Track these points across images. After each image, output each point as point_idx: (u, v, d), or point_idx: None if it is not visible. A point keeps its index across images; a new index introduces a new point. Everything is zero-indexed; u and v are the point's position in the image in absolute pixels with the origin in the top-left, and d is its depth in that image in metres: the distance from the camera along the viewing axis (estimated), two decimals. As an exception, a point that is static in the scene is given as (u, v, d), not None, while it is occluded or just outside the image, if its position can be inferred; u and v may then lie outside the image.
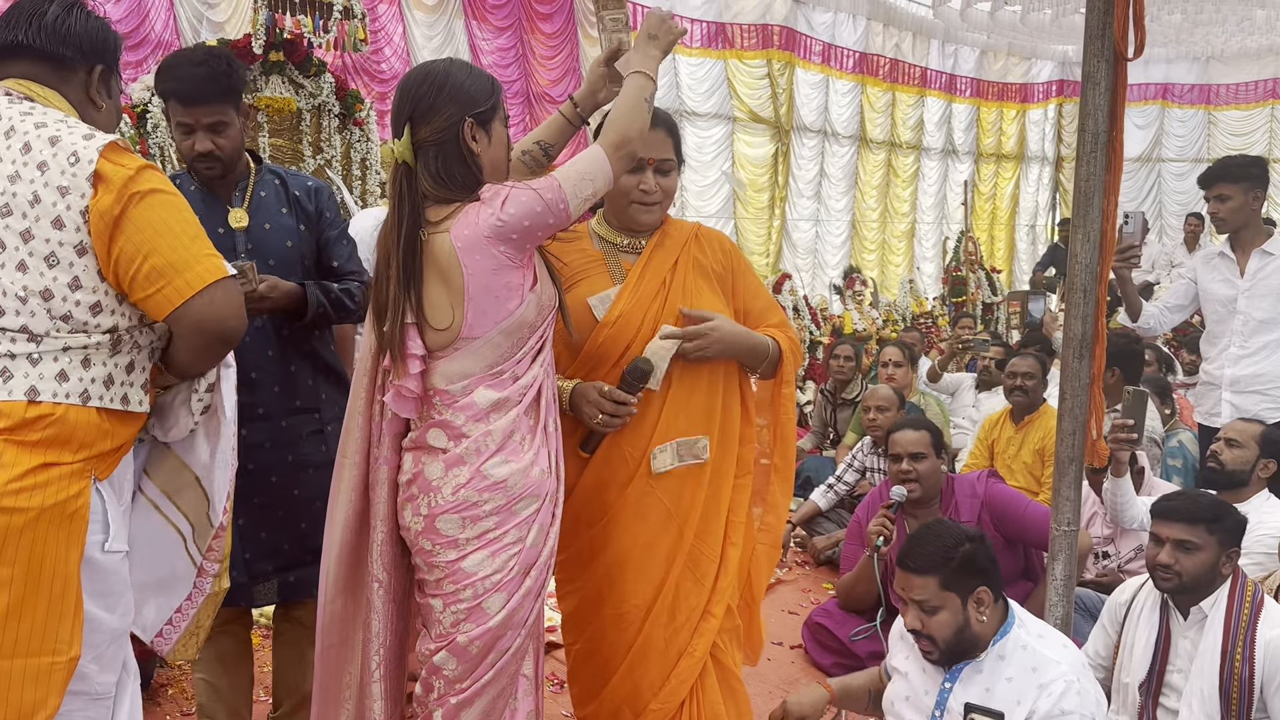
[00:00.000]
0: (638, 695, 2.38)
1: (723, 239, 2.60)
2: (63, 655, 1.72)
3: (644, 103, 2.20)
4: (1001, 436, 5.15)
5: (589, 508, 2.41)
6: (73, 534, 1.73)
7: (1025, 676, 2.36)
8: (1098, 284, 2.53)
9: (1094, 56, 2.46)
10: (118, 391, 1.82)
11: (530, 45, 9.06)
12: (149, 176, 1.80)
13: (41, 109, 1.83)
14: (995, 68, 14.04)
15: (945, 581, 2.39)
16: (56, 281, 1.75)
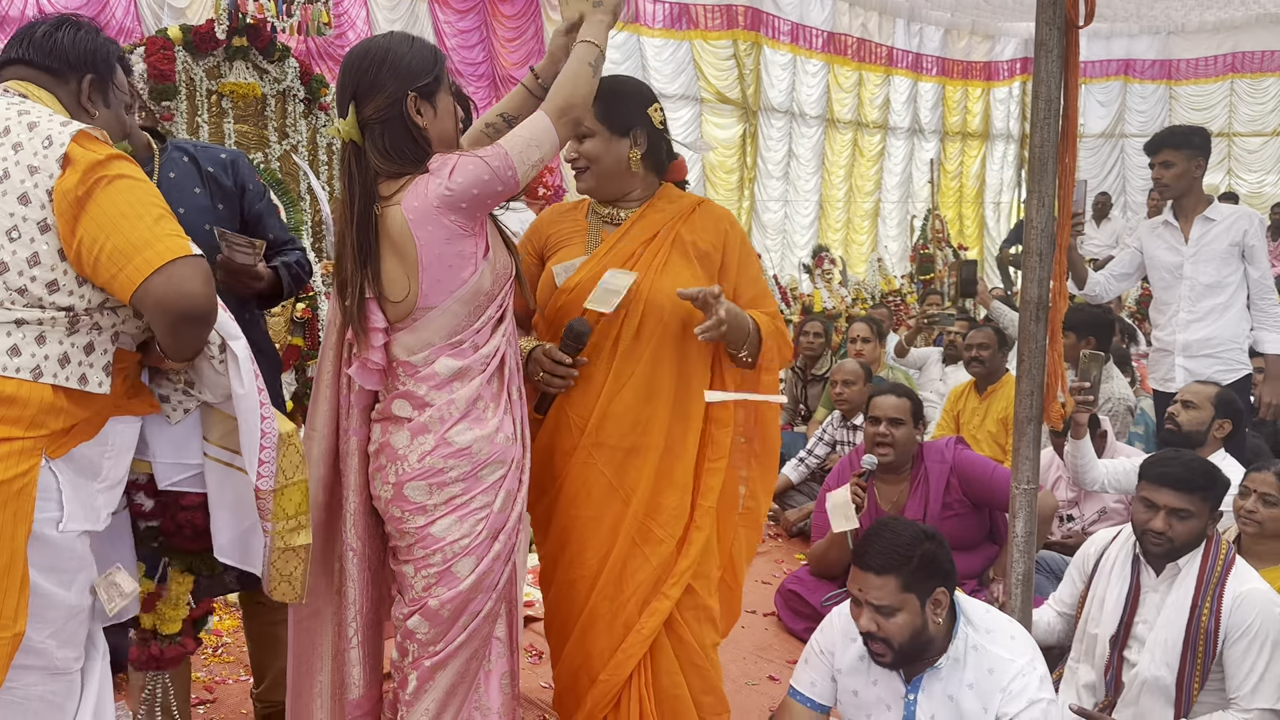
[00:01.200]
0: (589, 663, 2.43)
1: (724, 219, 2.55)
2: (7, 631, 1.71)
3: (588, 68, 2.21)
4: (966, 407, 5.24)
5: (544, 474, 2.46)
6: (19, 511, 1.72)
7: (985, 680, 2.33)
8: (1055, 249, 2.59)
9: (1046, 24, 2.52)
10: (74, 371, 1.81)
11: (493, 26, 9.04)
12: (117, 164, 1.81)
13: (33, 104, 1.87)
14: (960, 46, 14.12)
15: (906, 582, 2.28)
16: (15, 255, 1.76)
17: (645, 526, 2.41)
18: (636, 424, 2.40)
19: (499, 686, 2.27)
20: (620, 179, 2.46)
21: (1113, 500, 4.14)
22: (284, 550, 2.07)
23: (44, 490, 1.76)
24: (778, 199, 11.73)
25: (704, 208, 2.53)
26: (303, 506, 2.09)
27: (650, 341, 2.39)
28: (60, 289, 1.79)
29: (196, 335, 1.88)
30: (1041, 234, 2.59)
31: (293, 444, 2.04)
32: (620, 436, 2.40)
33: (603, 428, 2.39)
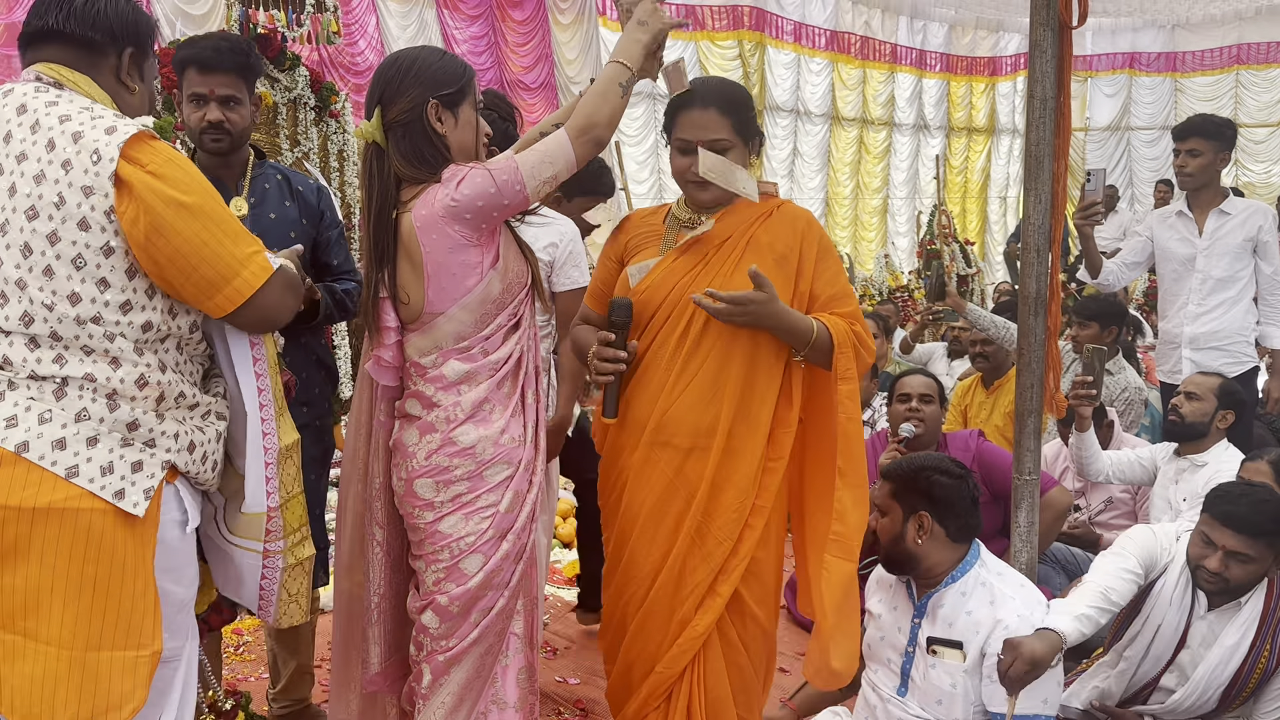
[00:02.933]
0: (645, 657, 2.46)
1: (801, 218, 2.49)
2: (147, 649, 1.77)
3: (616, 88, 2.22)
4: (974, 402, 5.28)
5: (611, 471, 2.51)
6: (145, 536, 1.77)
7: (984, 610, 2.45)
8: (1051, 244, 2.65)
9: (1040, 25, 2.58)
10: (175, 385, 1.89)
11: (502, 33, 9.12)
12: (171, 179, 1.76)
13: (69, 96, 1.80)
14: (963, 42, 14.15)
15: (895, 490, 2.57)
16: (85, 285, 1.74)
17: (703, 527, 2.41)
18: (699, 425, 2.38)
19: (516, 681, 2.32)
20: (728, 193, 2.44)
21: (1119, 490, 4.17)
22: (294, 566, 2.06)
23: (169, 497, 1.83)
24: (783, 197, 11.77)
25: (783, 209, 2.48)
26: (303, 518, 2.08)
27: (716, 343, 2.38)
28: (134, 307, 1.79)
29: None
30: (1039, 230, 2.64)
31: (291, 457, 2.03)
32: (682, 437, 2.39)
33: (664, 427, 2.40)
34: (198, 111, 2.54)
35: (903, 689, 2.54)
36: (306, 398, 2.70)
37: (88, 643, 1.72)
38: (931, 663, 2.48)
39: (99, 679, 1.73)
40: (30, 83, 1.82)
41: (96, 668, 1.73)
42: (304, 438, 2.58)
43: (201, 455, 1.89)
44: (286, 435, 2.01)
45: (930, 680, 2.48)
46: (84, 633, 1.72)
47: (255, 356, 1.96)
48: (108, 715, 1.74)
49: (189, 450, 1.86)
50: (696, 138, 2.36)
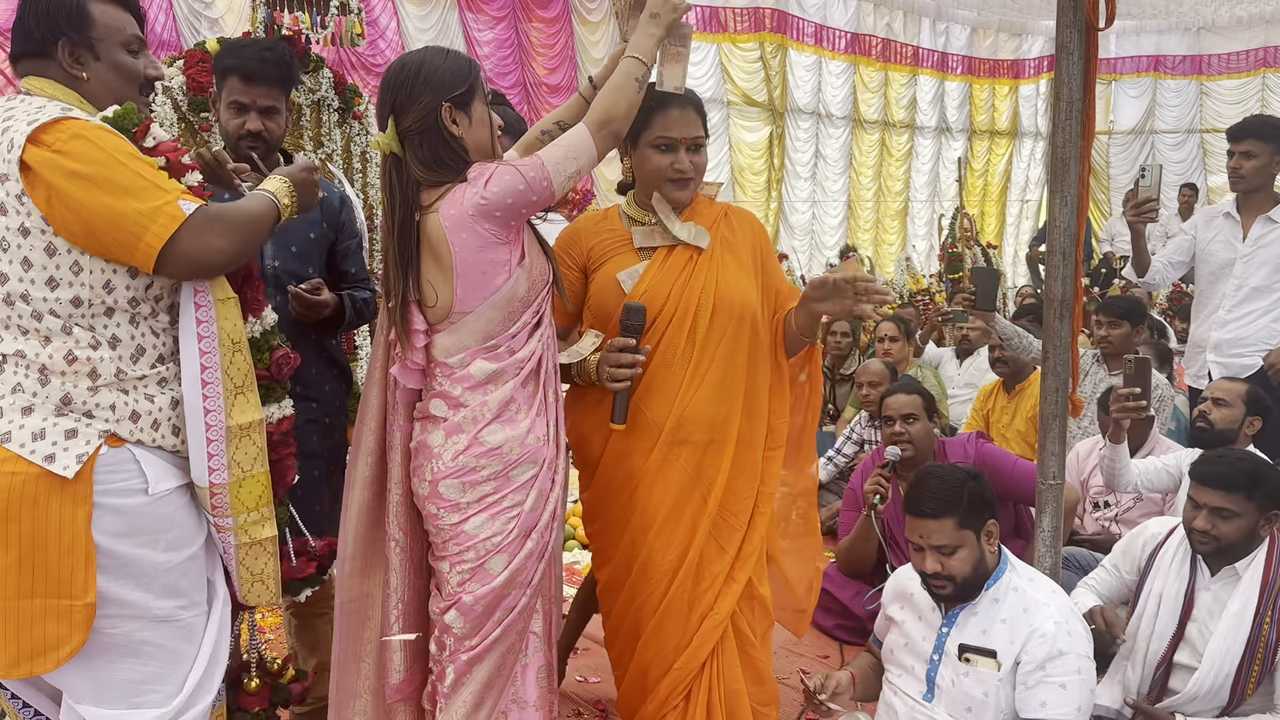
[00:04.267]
0: (663, 655, 2.48)
1: (752, 219, 2.67)
2: (80, 600, 1.84)
3: (633, 83, 2.26)
4: (995, 406, 5.26)
5: (616, 476, 2.52)
6: (77, 495, 1.83)
7: (1018, 618, 2.44)
8: (1076, 247, 2.63)
9: (1066, 27, 2.56)
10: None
11: (526, 35, 9.14)
12: (72, 153, 1.79)
13: (21, 101, 1.88)
14: (986, 44, 14.09)
15: (962, 520, 2.47)
16: (11, 265, 1.83)
17: (720, 518, 2.50)
18: (715, 420, 2.48)
19: (535, 680, 2.33)
20: (697, 188, 2.58)
21: None
22: (249, 545, 2.04)
23: (117, 464, 1.88)
24: (805, 200, 11.76)
25: (734, 211, 2.64)
26: (264, 498, 2.06)
27: (724, 340, 2.47)
28: (59, 284, 1.84)
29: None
30: (1064, 232, 2.62)
31: (249, 435, 2.01)
32: (700, 433, 2.47)
33: (682, 426, 2.46)
34: (238, 119, 2.58)
35: (929, 695, 2.53)
36: (316, 394, 2.72)
37: (18, 591, 1.83)
38: (964, 670, 2.46)
39: (31, 624, 1.83)
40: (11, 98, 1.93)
41: (28, 614, 1.83)
42: (309, 433, 2.64)
43: (152, 422, 1.93)
44: (242, 413, 1.99)
45: (961, 688, 2.46)
46: (13, 583, 1.83)
47: (200, 334, 1.95)
48: (43, 657, 1.84)
49: (132, 419, 1.90)
50: (683, 135, 2.47)
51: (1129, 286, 8.14)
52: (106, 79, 1.98)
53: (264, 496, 2.05)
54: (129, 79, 2.01)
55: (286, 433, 2.18)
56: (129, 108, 1.94)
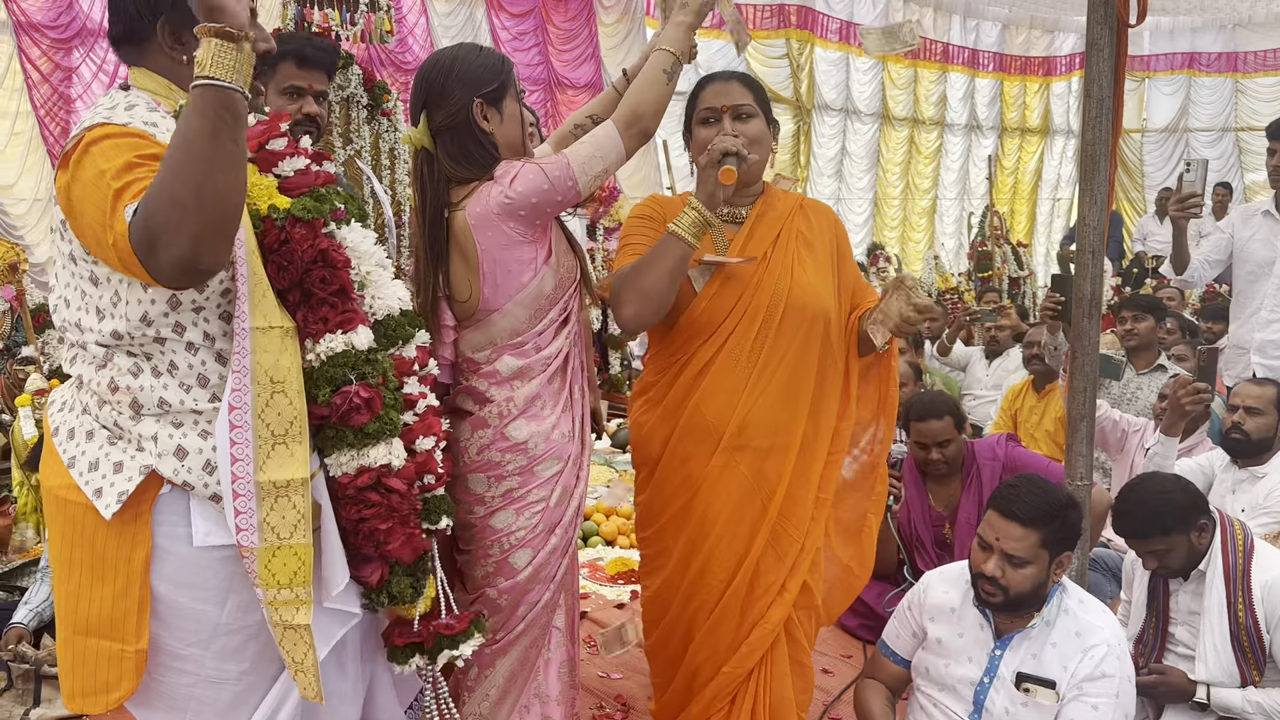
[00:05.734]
0: (713, 659, 2.45)
1: (829, 213, 2.56)
2: (130, 646, 1.72)
3: (661, 75, 2.20)
4: (1024, 406, 5.21)
5: (675, 479, 2.47)
6: (134, 535, 1.70)
7: (1070, 641, 2.37)
8: (1104, 244, 2.61)
9: (1097, 23, 2.53)
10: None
11: (548, 31, 9.15)
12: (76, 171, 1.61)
13: (113, 94, 1.74)
14: (1018, 41, 13.97)
15: (1045, 539, 2.34)
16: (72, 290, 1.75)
17: (779, 527, 2.42)
18: (777, 426, 2.40)
19: (558, 674, 2.34)
20: (762, 169, 2.45)
21: None
22: (283, 628, 1.71)
23: (171, 508, 1.72)
24: (830, 197, 11.71)
25: (810, 204, 2.54)
26: (301, 576, 1.69)
27: (793, 343, 2.39)
28: (104, 315, 1.70)
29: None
30: (1094, 231, 2.60)
31: (288, 496, 1.68)
32: (762, 438, 2.39)
33: (744, 431, 2.38)
34: (294, 104, 2.57)
35: (976, 715, 2.44)
36: None
37: (75, 625, 1.75)
38: (1021, 699, 2.37)
39: (86, 661, 1.75)
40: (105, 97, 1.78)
41: (82, 650, 1.75)
42: None
43: (204, 463, 1.70)
44: (279, 468, 1.67)
45: (1016, 717, 2.38)
46: (72, 615, 1.75)
47: (234, 368, 1.66)
48: (96, 696, 1.76)
49: (177, 456, 1.69)
50: (722, 103, 2.39)
51: (1161, 286, 8.05)
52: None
53: (301, 573, 1.70)
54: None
55: (366, 488, 1.79)
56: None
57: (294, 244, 1.71)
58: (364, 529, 1.81)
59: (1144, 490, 2.78)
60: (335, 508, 1.82)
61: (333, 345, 1.75)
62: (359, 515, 1.80)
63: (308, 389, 1.74)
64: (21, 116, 6.70)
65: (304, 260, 1.72)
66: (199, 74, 1.46)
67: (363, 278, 1.87)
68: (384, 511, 1.82)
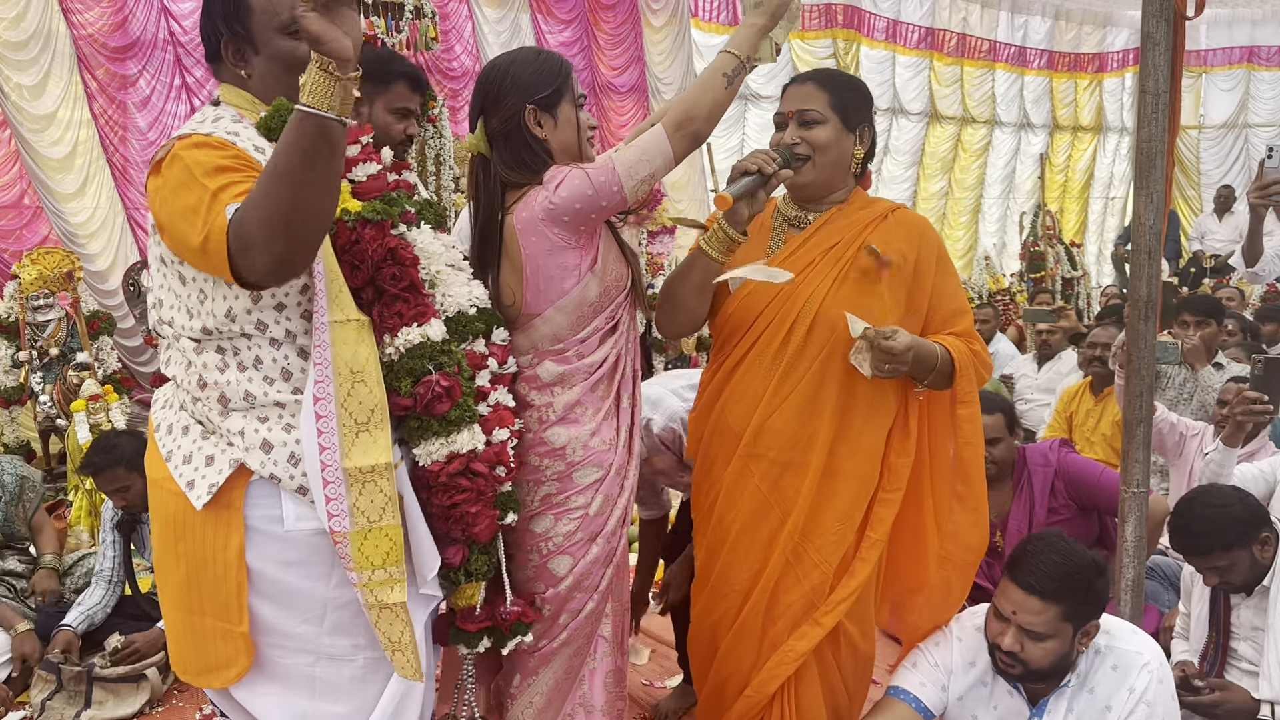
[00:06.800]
0: (738, 677, 2.41)
1: (922, 229, 2.38)
2: (236, 628, 1.80)
3: (720, 79, 2.13)
4: (1080, 409, 5.10)
5: (704, 483, 2.46)
6: (228, 523, 1.78)
7: (1108, 679, 2.24)
8: (1161, 244, 2.54)
9: (1153, 16, 2.46)
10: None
11: (595, 36, 9.17)
12: (166, 177, 1.69)
13: (205, 109, 1.83)
14: (1067, 38, 13.74)
15: (1067, 612, 2.16)
16: (165, 291, 1.85)
17: (800, 548, 2.32)
18: (796, 440, 2.30)
19: (603, 684, 2.31)
20: (837, 176, 2.34)
21: None
22: (378, 608, 1.78)
23: (262, 493, 1.79)
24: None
25: (898, 214, 2.37)
26: (393, 556, 1.78)
27: (818, 356, 2.28)
28: (193, 314, 1.79)
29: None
30: (1150, 231, 2.53)
31: (374, 481, 1.76)
32: (778, 450, 2.31)
33: (759, 440, 2.32)
34: (401, 123, 2.55)
35: None
36: None
37: (191, 608, 1.83)
38: None
39: (205, 639, 1.83)
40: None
41: (201, 629, 1.83)
42: None
43: (288, 455, 1.78)
44: (364, 455, 1.75)
45: None
46: (186, 599, 1.83)
47: (315, 361, 1.74)
48: (215, 673, 1.84)
49: (263, 449, 1.77)
50: (790, 108, 2.31)
51: (1220, 286, 7.86)
52: (265, 71, 1.83)
53: (393, 554, 1.78)
54: (288, 68, 1.80)
55: (458, 474, 1.90)
56: (279, 105, 1.77)
57: (364, 244, 1.80)
58: (455, 513, 1.91)
59: (1202, 504, 2.69)
60: (423, 496, 1.91)
61: (410, 337, 1.84)
62: (450, 501, 1.90)
63: (388, 382, 1.82)
64: (84, 125, 6.79)
65: (374, 258, 1.81)
66: (300, 99, 1.50)
67: (432, 276, 1.94)
68: (474, 495, 1.93)
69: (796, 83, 2.36)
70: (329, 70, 1.48)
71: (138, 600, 3.73)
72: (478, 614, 2.06)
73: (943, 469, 2.41)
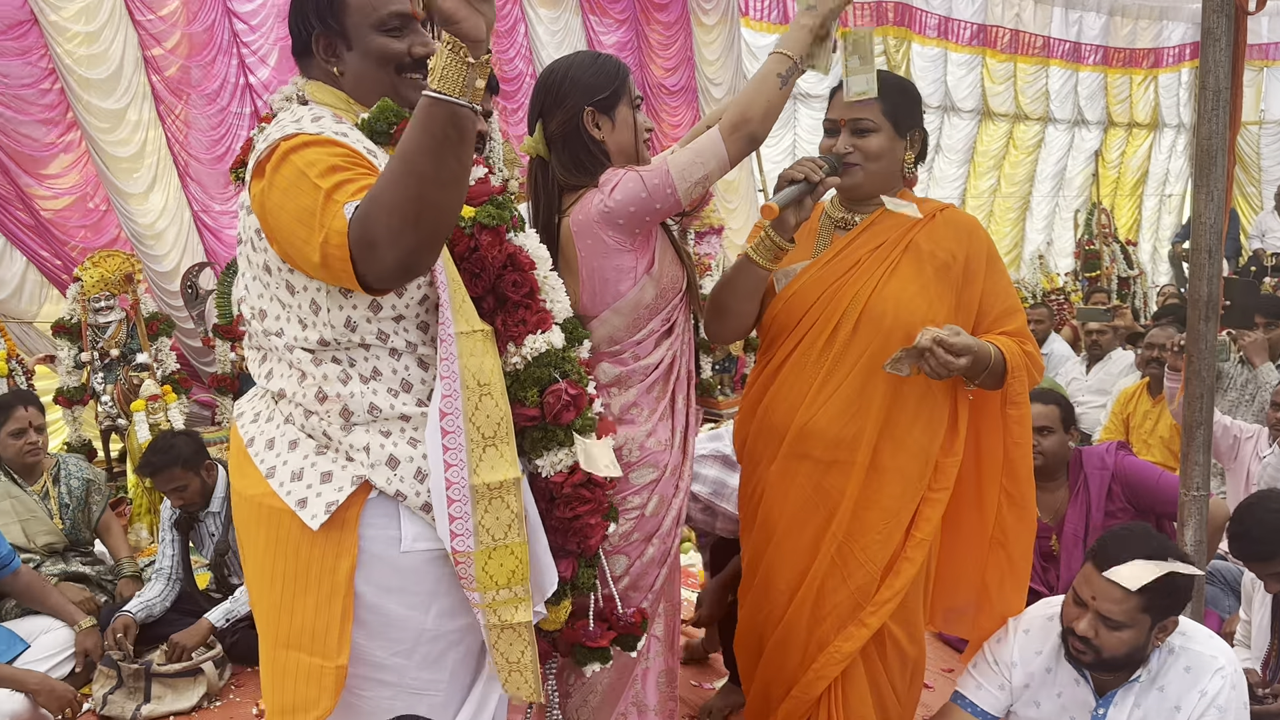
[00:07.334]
0: (784, 677, 2.41)
1: (971, 228, 2.38)
2: (331, 661, 1.67)
3: (774, 80, 2.12)
4: (1138, 411, 5.01)
5: (750, 481, 2.47)
6: (340, 543, 1.67)
7: (1180, 680, 2.22)
8: (1221, 243, 2.49)
9: (1214, 11, 2.42)
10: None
11: (646, 37, 9.15)
12: (274, 180, 1.59)
13: (294, 109, 1.73)
14: (1123, 33, 13.49)
15: (1149, 604, 2.15)
16: (270, 302, 1.72)
17: (845, 547, 2.31)
18: (841, 439, 2.29)
19: (656, 684, 2.32)
20: (887, 181, 2.35)
21: None
22: (499, 629, 1.72)
23: (384, 512, 1.70)
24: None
25: (947, 214, 2.37)
26: (519, 574, 1.71)
27: (864, 353, 2.27)
28: (306, 324, 1.68)
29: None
30: (1210, 229, 2.48)
31: (501, 497, 1.69)
32: (822, 450, 2.31)
33: (804, 439, 2.32)
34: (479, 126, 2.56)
35: None
36: None
37: (277, 639, 1.72)
38: None
39: (286, 676, 1.71)
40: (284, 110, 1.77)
41: (283, 664, 1.71)
42: None
43: (415, 471, 1.70)
44: (491, 470, 1.69)
45: None
46: (274, 627, 1.72)
47: (442, 373, 1.67)
48: (294, 714, 1.71)
49: (389, 465, 1.68)
50: (842, 116, 2.31)
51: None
52: (359, 70, 1.75)
53: (518, 572, 1.72)
54: (384, 65, 1.75)
55: (581, 485, 1.86)
56: (384, 105, 1.71)
57: (483, 250, 1.75)
58: (576, 525, 1.86)
59: (1261, 509, 2.65)
60: (544, 508, 1.85)
61: (536, 345, 1.80)
62: (574, 513, 1.85)
63: (512, 393, 1.77)
64: (152, 125, 6.80)
65: (495, 266, 1.76)
66: (429, 85, 1.41)
67: (540, 281, 1.89)
68: (595, 507, 1.88)
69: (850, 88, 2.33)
70: (460, 54, 1.39)
71: (195, 596, 3.80)
72: (591, 629, 2.02)
73: (993, 469, 2.40)
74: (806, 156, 2.24)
